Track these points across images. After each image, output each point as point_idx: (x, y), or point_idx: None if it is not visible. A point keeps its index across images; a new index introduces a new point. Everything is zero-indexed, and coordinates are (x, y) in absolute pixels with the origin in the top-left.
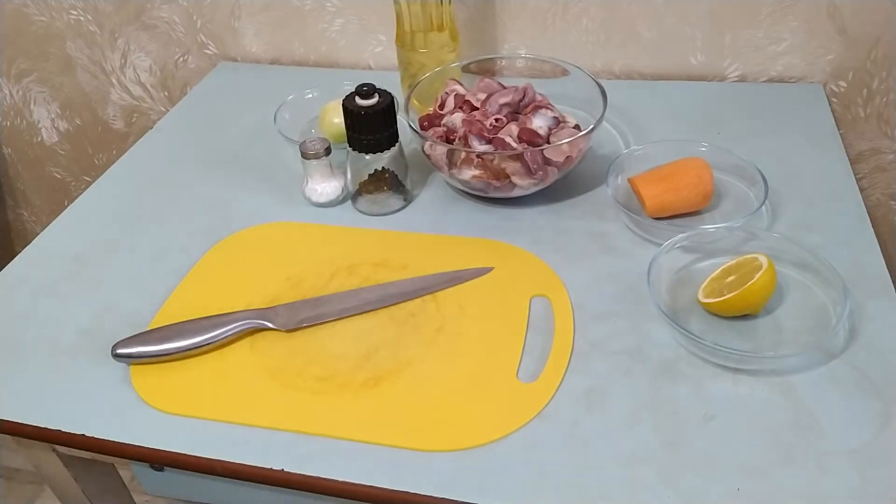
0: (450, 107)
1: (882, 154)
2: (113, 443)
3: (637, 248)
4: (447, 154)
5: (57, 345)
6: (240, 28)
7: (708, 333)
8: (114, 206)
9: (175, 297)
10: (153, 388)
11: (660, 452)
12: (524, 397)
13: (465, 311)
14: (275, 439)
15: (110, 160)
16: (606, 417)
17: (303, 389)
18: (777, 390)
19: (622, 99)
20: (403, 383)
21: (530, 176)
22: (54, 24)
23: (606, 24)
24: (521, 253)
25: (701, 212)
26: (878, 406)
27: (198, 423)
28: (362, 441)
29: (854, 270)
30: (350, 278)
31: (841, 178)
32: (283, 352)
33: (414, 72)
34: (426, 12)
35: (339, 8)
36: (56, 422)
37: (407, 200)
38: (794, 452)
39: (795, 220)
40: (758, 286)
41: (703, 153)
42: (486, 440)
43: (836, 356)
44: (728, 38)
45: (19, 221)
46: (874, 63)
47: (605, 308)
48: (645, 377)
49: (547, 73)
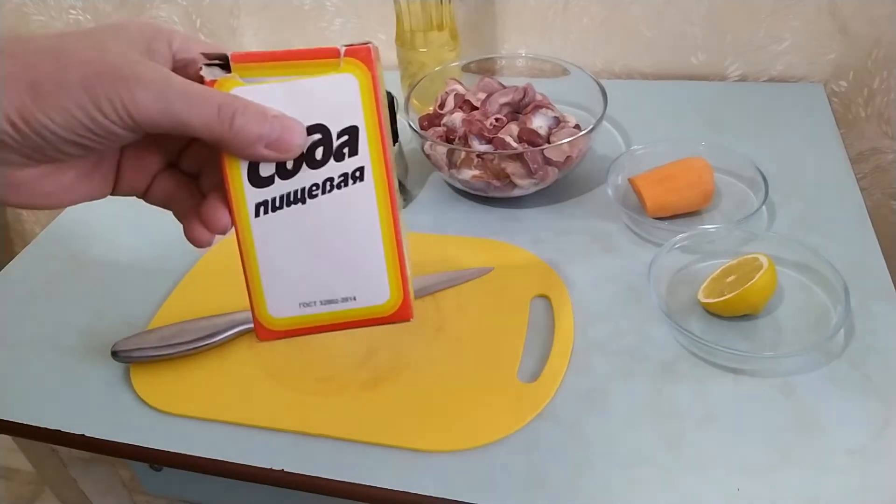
0: (450, 106)
1: (882, 154)
2: (113, 443)
3: (637, 248)
4: (447, 154)
5: (57, 345)
6: (239, 27)
7: (708, 333)
8: (114, 206)
9: (175, 297)
10: (153, 388)
11: (660, 452)
12: (524, 397)
13: (465, 311)
14: (275, 439)
15: None
16: (606, 417)
17: (303, 389)
18: (777, 390)
19: (622, 99)
20: (403, 383)
21: (530, 176)
22: (53, 24)
23: (607, 24)
24: (521, 253)
25: (701, 212)
26: (878, 406)
27: (198, 423)
28: (362, 441)
29: (854, 270)
30: None
31: (841, 178)
32: (283, 352)
33: (414, 71)
34: (426, 11)
35: (338, 7)
36: (56, 422)
37: (407, 200)
38: (794, 452)
39: (795, 220)
40: (758, 286)
41: (703, 153)
42: (486, 440)
43: (836, 356)
44: (729, 38)
45: (19, 221)
46: (875, 63)
47: (605, 308)
48: (645, 377)
49: (547, 72)
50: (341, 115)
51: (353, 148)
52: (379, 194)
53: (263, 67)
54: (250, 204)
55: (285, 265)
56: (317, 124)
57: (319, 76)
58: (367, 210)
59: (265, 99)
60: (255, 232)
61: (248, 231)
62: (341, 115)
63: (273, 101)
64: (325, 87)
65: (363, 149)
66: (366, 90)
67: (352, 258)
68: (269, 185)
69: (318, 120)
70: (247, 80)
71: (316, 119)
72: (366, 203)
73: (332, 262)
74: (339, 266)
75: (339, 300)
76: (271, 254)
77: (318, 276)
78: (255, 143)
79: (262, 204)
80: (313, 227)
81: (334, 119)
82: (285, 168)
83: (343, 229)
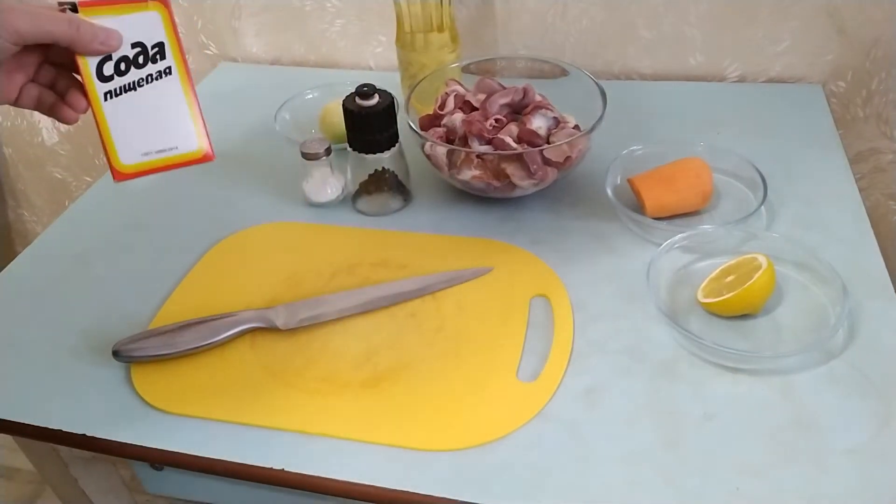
0: (450, 107)
1: (881, 154)
2: (113, 443)
3: (637, 248)
4: (447, 154)
5: (57, 345)
6: (240, 28)
7: (707, 333)
8: (114, 206)
9: (175, 297)
10: (153, 388)
11: (660, 452)
12: (524, 397)
13: (465, 311)
14: (275, 439)
15: None
16: (606, 417)
17: (303, 389)
18: (777, 390)
19: (622, 99)
20: (403, 383)
21: (530, 176)
22: None
23: (606, 25)
24: (521, 253)
25: (700, 212)
26: (878, 406)
27: (198, 422)
28: (362, 441)
29: (853, 270)
30: (350, 278)
31: (840, 178)
32: (284, 352)
33: (414, 72)
34: (426, 13)
35: (339, 9)
36: (56, 422)
37: (407, 200)
38: (794, 452)
39: (795, 220)
40: (757, 286)
41: (702, 153)
42: (486, 440)
43: (836, 356)
44: (728, 39)
45: (20, 221)
46: (873, 63)
47: (604, 308)
48: (644, 377)
49: (547, 73)
50: (152, 35)
51: (163, 55)
52: (182, 82)
53: (100, 10)
54: (100, 92)
55: (128, 129)
56: (137, 41)
57: (136, 13)
58: (176, 93)
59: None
60: (105, 111)
61: (101, 110)
62: (152, 35)
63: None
64: (139, 19)
65: (169, 55)
66: (166, 19)
67: (171, 122)
68: (111, 80)
69: (138, 38)
70: (90, 18)
71: (136, 38)
72: (175, 88)
73: (159, 126)
74: (163, 128)
75: (167, 150)
76: (118, 124)
77: (151, 136)
78: (92, 41)
79: (108, 92)
80: (144, 105)
81: (148, 38)
82: (120, 69)
83: (163, 104)
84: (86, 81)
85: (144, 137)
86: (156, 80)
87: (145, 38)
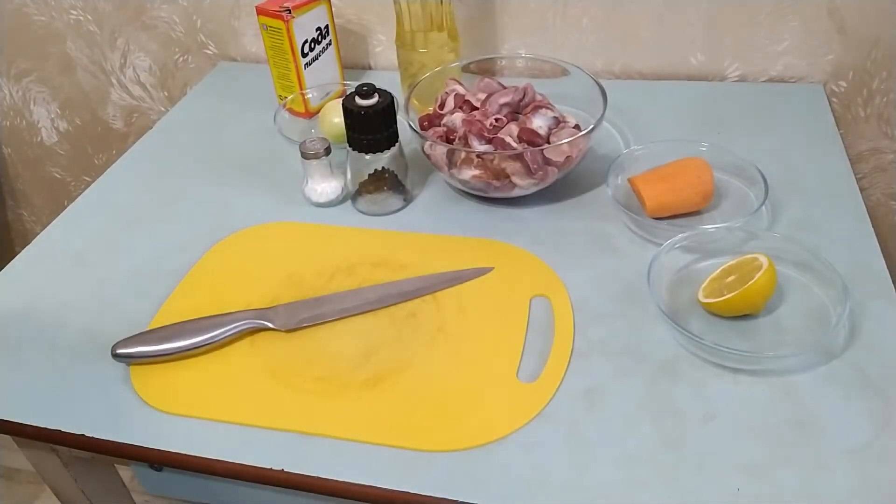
0: (450, 107)
1: (882, 154)
2: (113, 443)
3: (637, 248)
4: (447, 154)
5: (57, 345)
6: (240, 28)
7: (708, 333)
8: (114, 206)
9: (175, 297)
10: (153, 388)
11: (660, 452)
12: (524, 397)
13: (465, 311)
14: (275, 439)
15: (110, 160)
16: (606, 417)
17: (303, 389)
18: (777, 390)
19: (622, 99)
20: (403, 383)
21: (530, 176)
22: (54, 24)
23: (606, 24)
24: (521, 253)
25: (701, 212)
26: (878, 406)
27: (198, 423)
28: (362, 441)
29: (854, 270)
30: (350, 278)
31: (841, 178)
32: (283, 352)
33: (414, 72)
34: (426, 12)
35: (338, 8)
36: (56, 422)
37: (407, 200)
38: (794, 452)
39: (795, 220)
40: (758, 286)
41: (703, 153)
42: (486, 440)
43: (836, 356)
44: (728, 38)
45: (19, 221)
46: (874, 63)
47: (605, 308)
48: (645, 377)
49: (547, 73)
50: (325, 21)
51: (326, 34)
52: (335, 53)
53: (305, 8)
54: (302, 62)
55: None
56: (318, 27)
57: (317, 7)
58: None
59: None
60: (306, 73)
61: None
62: (325, 21)
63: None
64: (319, 10)
65: (329, 34)
66: (329, 9)
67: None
68: (307, 55)
69: (318, 24)
70: (298, 16)
71: (319, 24)
72: (333, 57)
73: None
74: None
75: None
76: (312, 81)
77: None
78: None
79: (306, 64)
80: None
81: (323, 23)
82: (311, 46)
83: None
84: (294, 56)
85: (322, 87)
86: (324, 51)
87: (321, 24)
